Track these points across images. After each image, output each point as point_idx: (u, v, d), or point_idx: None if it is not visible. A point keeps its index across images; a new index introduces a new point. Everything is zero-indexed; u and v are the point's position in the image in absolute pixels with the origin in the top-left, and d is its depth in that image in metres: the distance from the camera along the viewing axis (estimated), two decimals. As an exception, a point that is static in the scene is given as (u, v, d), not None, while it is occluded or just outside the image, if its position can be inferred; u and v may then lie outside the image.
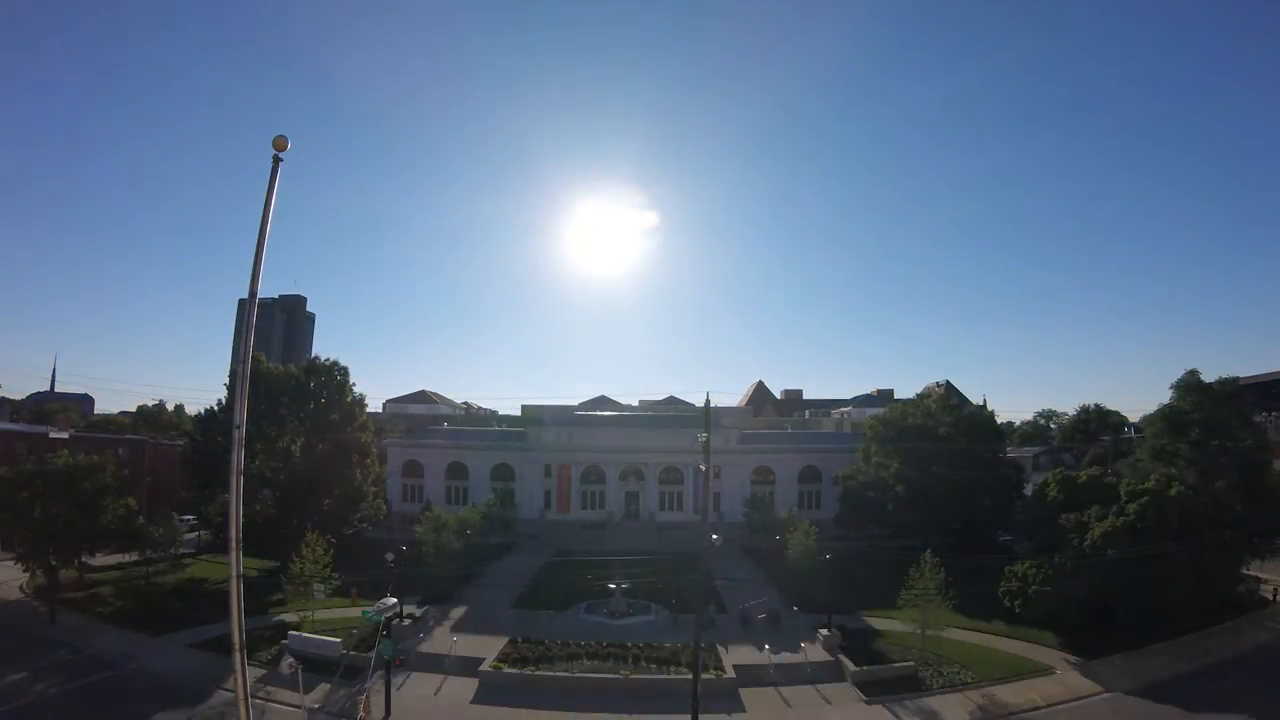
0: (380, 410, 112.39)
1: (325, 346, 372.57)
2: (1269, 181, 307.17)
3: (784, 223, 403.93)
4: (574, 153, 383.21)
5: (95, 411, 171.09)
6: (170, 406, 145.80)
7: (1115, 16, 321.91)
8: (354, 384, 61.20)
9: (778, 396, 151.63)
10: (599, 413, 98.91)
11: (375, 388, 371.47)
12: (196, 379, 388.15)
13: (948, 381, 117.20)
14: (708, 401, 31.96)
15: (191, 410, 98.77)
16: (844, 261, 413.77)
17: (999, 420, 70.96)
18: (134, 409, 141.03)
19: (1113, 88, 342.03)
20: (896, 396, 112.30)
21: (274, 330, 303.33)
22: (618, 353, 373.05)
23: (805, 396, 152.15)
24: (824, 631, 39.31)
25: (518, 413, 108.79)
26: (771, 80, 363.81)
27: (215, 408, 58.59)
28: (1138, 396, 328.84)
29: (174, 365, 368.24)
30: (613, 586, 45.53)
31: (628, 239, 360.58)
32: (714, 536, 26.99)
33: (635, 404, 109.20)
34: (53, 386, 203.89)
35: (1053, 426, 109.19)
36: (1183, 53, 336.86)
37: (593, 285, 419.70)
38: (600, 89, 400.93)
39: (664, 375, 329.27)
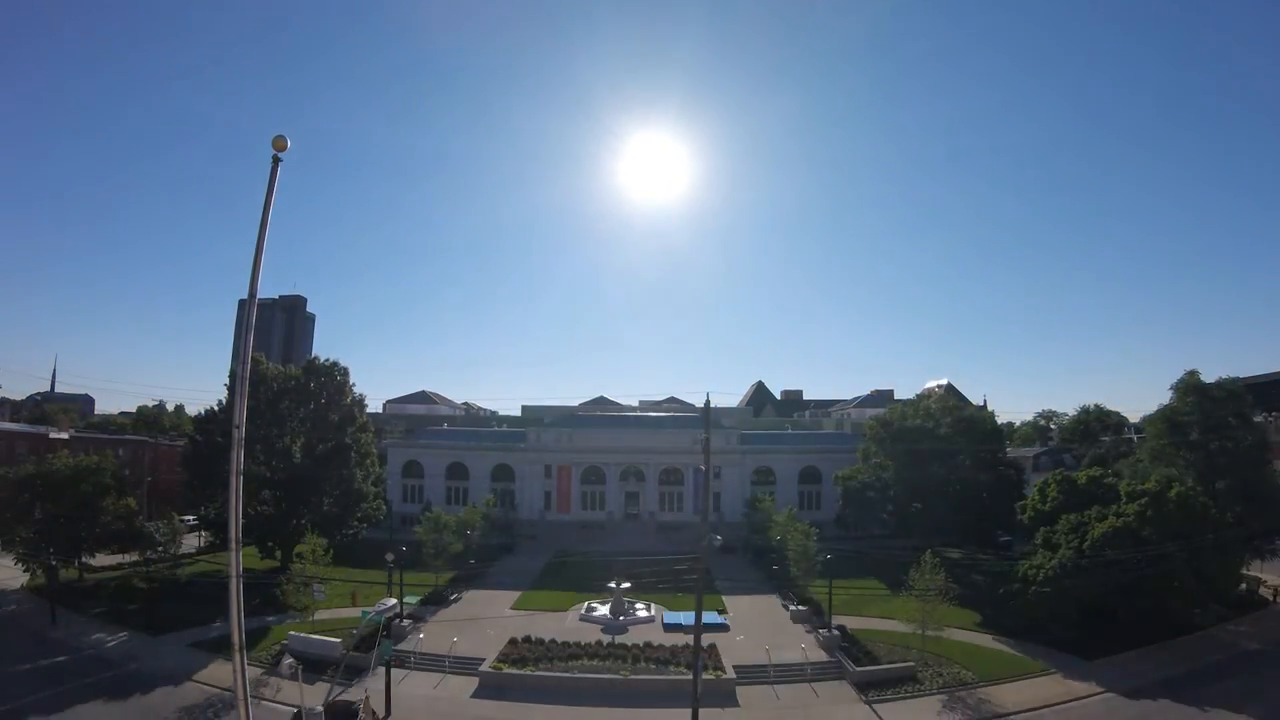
0: (380, 410, 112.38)
1: (325, 346, 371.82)
2: (1269, 181, 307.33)
3: (783, 221, 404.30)
4: (566, 150, 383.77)
5: (95, 411, 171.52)
6: (170, 406, 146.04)
7: (1118, 15, 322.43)
8: (354, 384, 61.26)
9: (778, 396, 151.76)
10: (599, 413, 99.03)
11: (375, 388, 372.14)
12: (196, 379, 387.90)
13: (948, 382, 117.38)
14: (707, 401, 31.96)
15: (191, 410, 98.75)
16: (844, 261, 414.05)
17: (999, 420, 71.05)
18: (134, 409, 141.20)
19: (1113, 87, 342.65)
20: (897, 396, 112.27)
21: (274, 330, 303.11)
22: (618, 353, 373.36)
23: (805, 396, 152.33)
24: (824, 631, 39.39)
25: (518, 413, 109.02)
26: (768, 72, 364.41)
27: (215, 408, 58.58)
28: (1138, 396, 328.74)
29: (174, 365, 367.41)
30: (613, 586, 45.59)
31: (625, 240, 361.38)
32: (716, 537, 26.97)
33: (635, 404, 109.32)
34: (53, 386, 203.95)
35: (1053, 427, 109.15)
36: (1184, 52, 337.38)
37: (591, 285, 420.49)
38: (635, 62, 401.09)
39: (664, 375, 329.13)
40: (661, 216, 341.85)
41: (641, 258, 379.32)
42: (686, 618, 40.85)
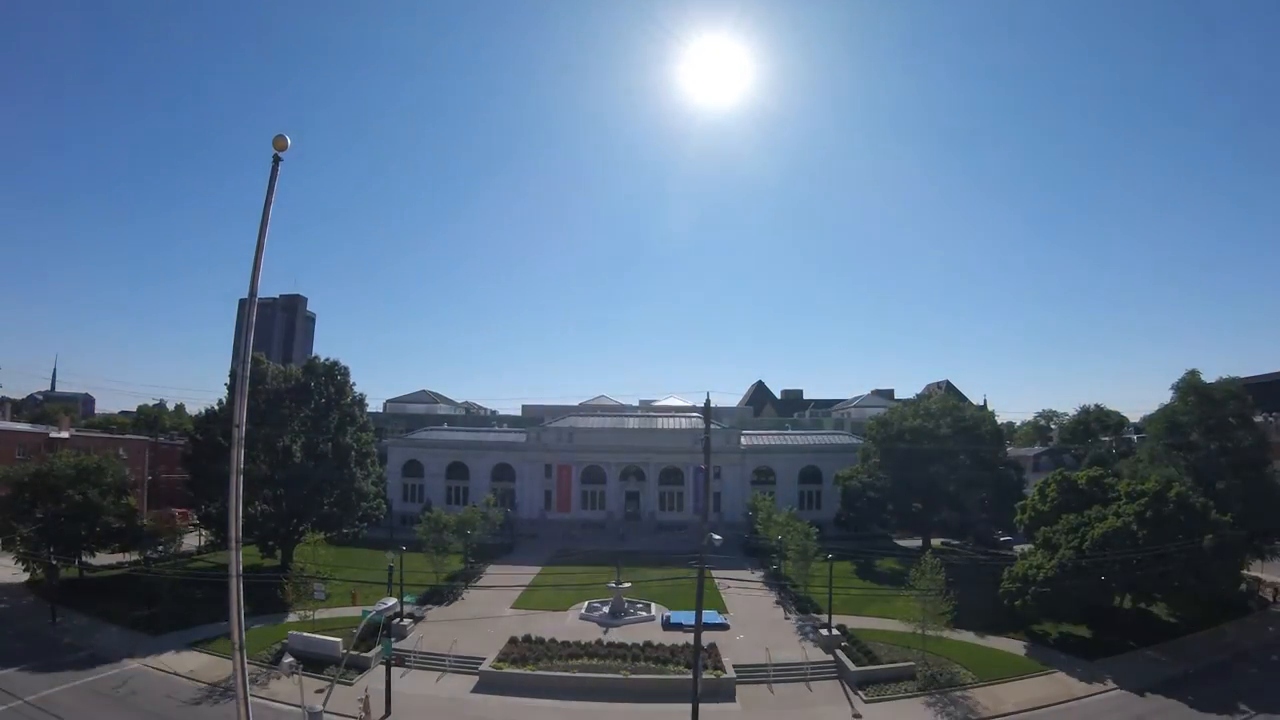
0: (380, 410, 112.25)
1: (325, 346, 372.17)
2: (1270, 180, 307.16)
3: (782, 221, 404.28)
4: (556, 135, 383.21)
5: (95, 411, 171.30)
6: (170, 406, 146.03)
7: (1122, 15, 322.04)
8: (354, 384, 61.23)
9: (778, 396, 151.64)
10: (599, 413, 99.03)
11: (375, 387, 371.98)
12: (196, 379, 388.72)
13: (948, 381, 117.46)
14: (707, 401, 31.99)
15: (192, 410, 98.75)
16: (844, 261, 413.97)
17: (999, 420, 71.03)
18: (134, 408, 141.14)
19: (1116, 87, 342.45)
20: (897, 396, 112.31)
21: (274, 330, 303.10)
22: (618, 352, 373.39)
23: (805, 396, 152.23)
24: (824, 631, 39.39)
25: (518, 413, 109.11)
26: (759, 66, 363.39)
27: (215, 407, 58.57)
28: (1138, 396, 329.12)
29: (174, 365, 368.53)
30: (613, 586, 45.60)
31: (622, 239, 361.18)
32: (716, 537, 26.97)
33: (635, 404, 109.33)
34: (53, 385, 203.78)
35: (1053, 427, 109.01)
36: (1186, 52, 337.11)
37: (587, 285, 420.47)
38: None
39: (664, 375, 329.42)
40: (658, 215, 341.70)
41: (637, 257, 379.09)
42: (686, 617, 40.84)
